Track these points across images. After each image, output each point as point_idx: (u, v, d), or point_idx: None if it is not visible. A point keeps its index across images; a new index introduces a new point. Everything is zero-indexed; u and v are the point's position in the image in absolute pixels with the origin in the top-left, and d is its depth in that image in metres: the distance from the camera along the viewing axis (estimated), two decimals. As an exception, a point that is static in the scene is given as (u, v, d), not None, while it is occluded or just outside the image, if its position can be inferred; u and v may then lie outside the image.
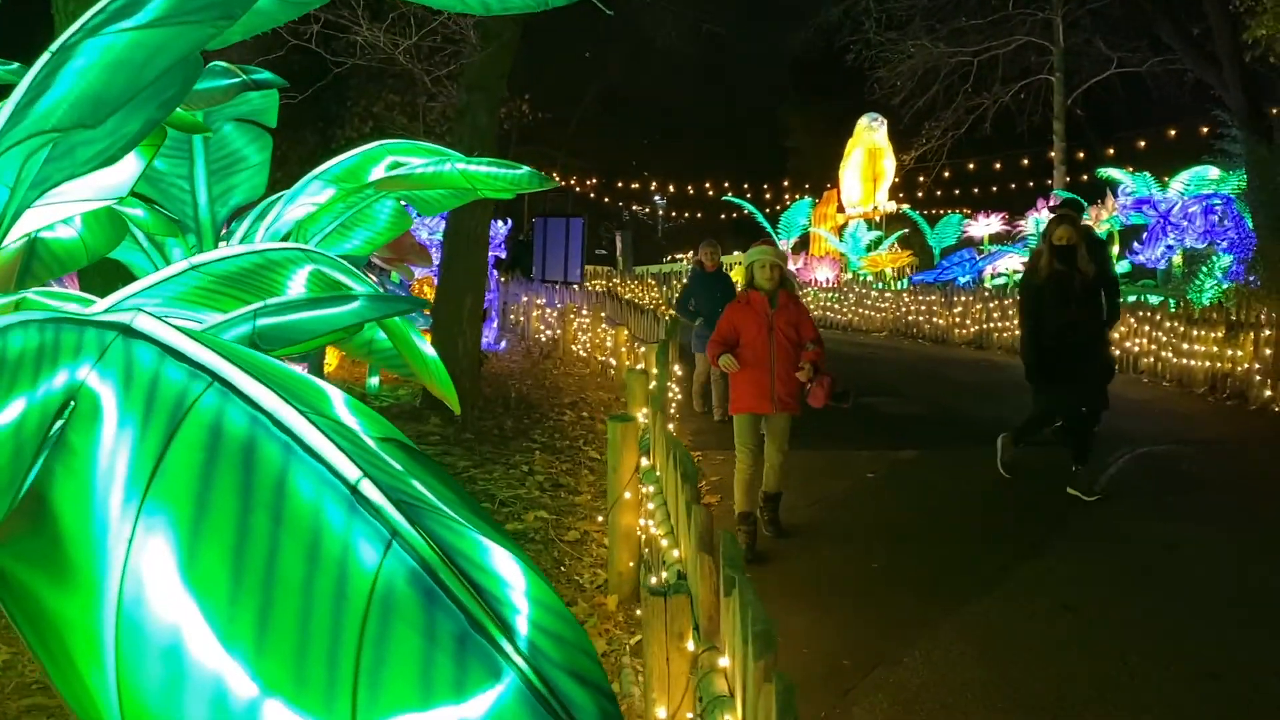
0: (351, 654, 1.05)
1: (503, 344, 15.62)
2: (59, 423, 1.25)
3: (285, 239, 4.60)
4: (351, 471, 1.15)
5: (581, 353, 13.75)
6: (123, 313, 1.35)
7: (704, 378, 9.62)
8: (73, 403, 1.24)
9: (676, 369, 8.86)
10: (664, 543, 3.65)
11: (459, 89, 8.88)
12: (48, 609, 1.12)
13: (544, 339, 15.87)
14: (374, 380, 10.54)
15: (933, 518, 6.64)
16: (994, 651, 4.47)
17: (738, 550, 2.72)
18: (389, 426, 1.36)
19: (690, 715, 2.78)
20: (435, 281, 12.21)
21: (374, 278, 3.60)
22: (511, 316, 17.68)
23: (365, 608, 1.07)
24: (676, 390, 8.63)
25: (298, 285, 2.77)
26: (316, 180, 4.61)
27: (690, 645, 2.81)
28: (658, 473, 4.42)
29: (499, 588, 1.15)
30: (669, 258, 40.06)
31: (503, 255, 16.42)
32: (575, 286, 16.75)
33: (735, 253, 35.42)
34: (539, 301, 16.74)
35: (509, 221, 17.02)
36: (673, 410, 7.52)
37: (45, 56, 1.97)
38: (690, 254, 39.29)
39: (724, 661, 2.61)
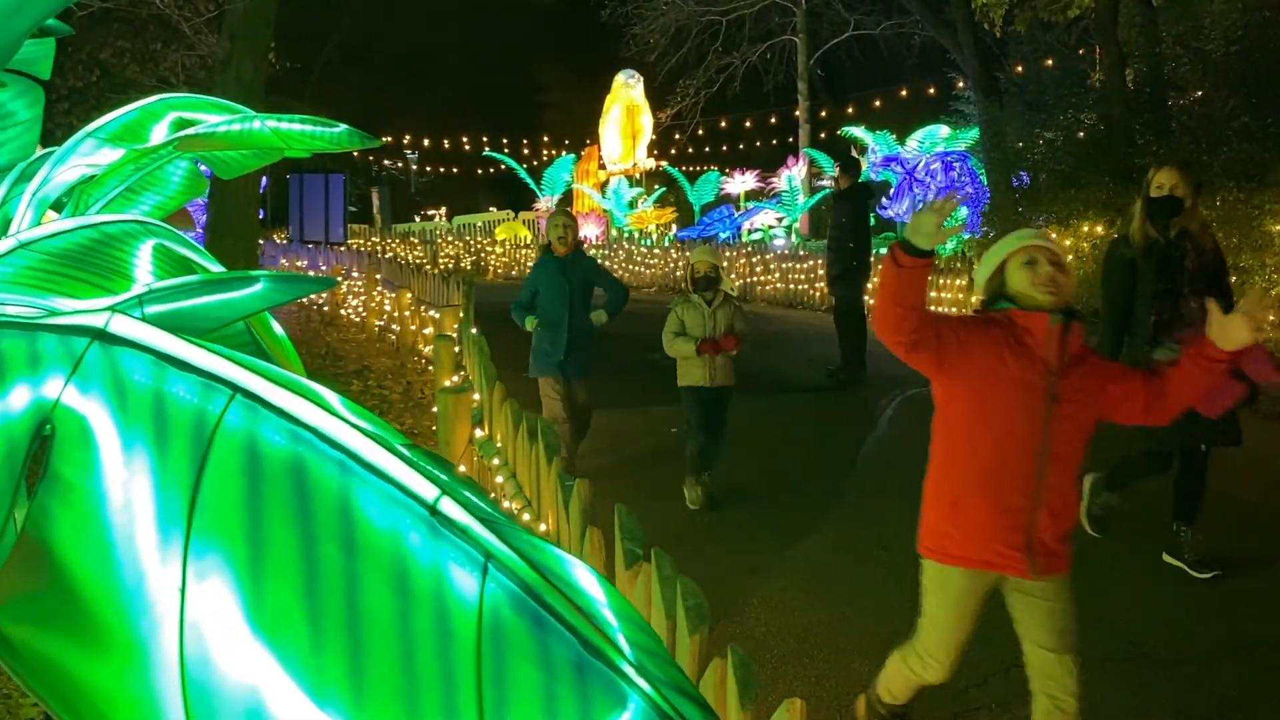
0: (471, 697, 0.94)
1: (264, 310, 14.71)
2: (32, 451, 1.05)
3: (59, 204, 4.10)
4: (428, 489, 1.03)
5: (355, 317, 13.18)
6: (86, 315, 1.15)
7: (562, 422, 6.17)
8: (49, 426, 1.04)
9: (474, 330, 8.65)
10: (526, 517, 3.57)
11: (220, 37, 8.17)
12: (78, 680, 0.93)
13: (306, 302, 15.06)
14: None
15: (739, 467, 6.88)
16: (825, 593, 4.71)
17: (635, 523, 2.70)
18: (395, 430, 1.23)
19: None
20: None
21: None
22: (270, 280, 16.65)
23: (476, 642, 0.97)
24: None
25: (144, 263, 2.45)
26: (90, 138, 4.11)
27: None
28: (498, 444, 4.31)
29: (592, 604, 1.06)
30: (423, 214, 38.98)
31: (260, 215, 15.37)
32: (340, 247, 15.99)
33: (491, 209, 34.99)
34: (299, 264, 15.88)
35: (264, 180, 15.97)
36: (462, 376, 7.34)
37: None
38: (443, 210, 38.41)
39: (629, 634, 2.59)
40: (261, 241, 18.06)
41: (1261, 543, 5.33)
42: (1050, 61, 17.54)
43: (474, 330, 8.12)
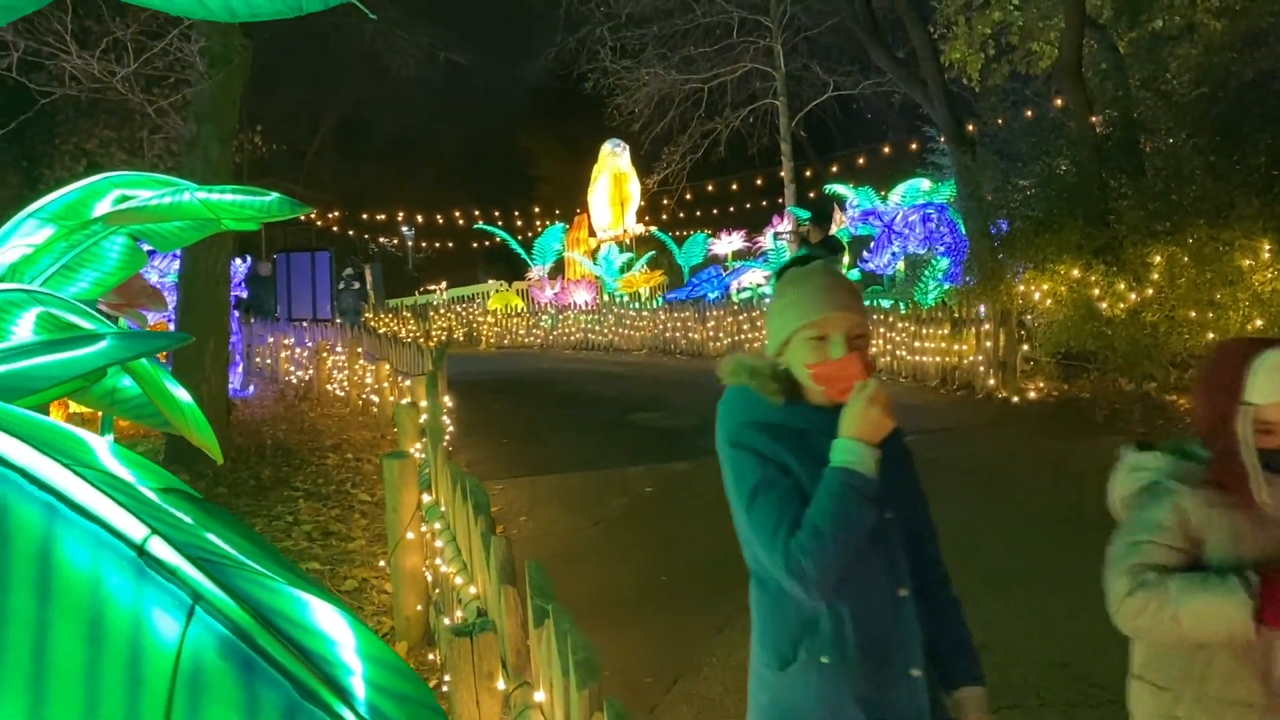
0: (157, 748, 0.87)
1: (251, 388, 14.70)
2: None
3: (-3, 284, 4.11)
4: (136, 529, 0.97)
5: (339, 392, 13.16)
6: None
7: None
8: None
9: (447, 400, 8.61)
10: (459, 580, 3.48)
11: (187, 120, 8.27)
12: None
13: (295, 380, 15.07)
14: (107, 436, 9.58)
15: (710, 525, 6.75)
16: (786, 649, 4.57)
17: (545, 579, 2.62)
18: (168, 475, 1.17)
19: (506, 757, 2.64)
20: (171, 326, 11.33)
21: None
22: (258, 359, 16.71)
23: (169, 691, 0.90)
24: (449, 422, 8.40)
25: (24, 330, 2.43)
26: (31, 219, 4.11)
27: (501, 684, 2.67)
28: (442, 508, 4.23)
29: (327, 647, 0.99)
30: (423, 289, 39.17)
31: (244, 294, 15.46)
32: (326, 323, 16.04)
33: (490, 281, 35.19)
34: (287, 341, 15.89)
35: (248, 259, 16.08)
36: (446, 441, 7.29)
37: None
38: (443, 285, 38.38)
39: (539, 696, 2.50)
40: (253, 319, 18.12)
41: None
42: (1030, 113, 17.73)
43: (446, 398, 8.09)
